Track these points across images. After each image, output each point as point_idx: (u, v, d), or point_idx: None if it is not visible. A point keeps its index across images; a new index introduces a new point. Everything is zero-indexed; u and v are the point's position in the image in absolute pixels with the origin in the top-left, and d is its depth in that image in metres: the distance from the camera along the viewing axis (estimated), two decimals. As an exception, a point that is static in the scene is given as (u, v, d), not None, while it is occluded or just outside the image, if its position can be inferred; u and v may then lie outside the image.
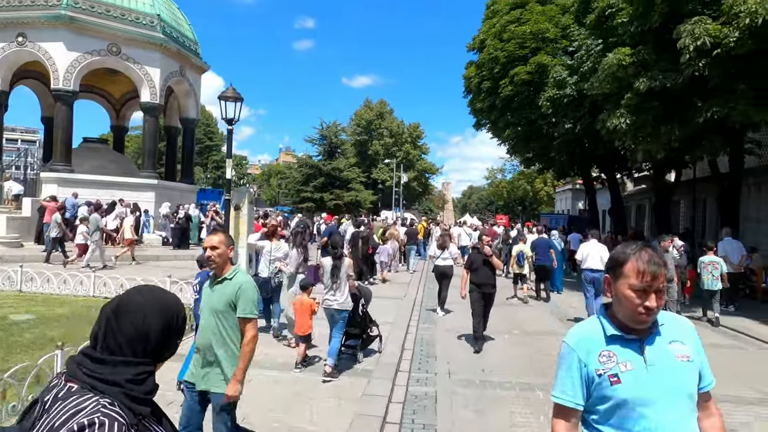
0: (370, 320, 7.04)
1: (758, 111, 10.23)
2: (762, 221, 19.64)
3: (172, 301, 1.50)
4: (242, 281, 3.31)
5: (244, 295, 3.24)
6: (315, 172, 36.96)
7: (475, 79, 25.24)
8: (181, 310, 1.54)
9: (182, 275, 13.12)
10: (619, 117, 11.92)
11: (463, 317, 9.66)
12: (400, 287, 13.36)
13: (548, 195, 57.48)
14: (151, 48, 19.67)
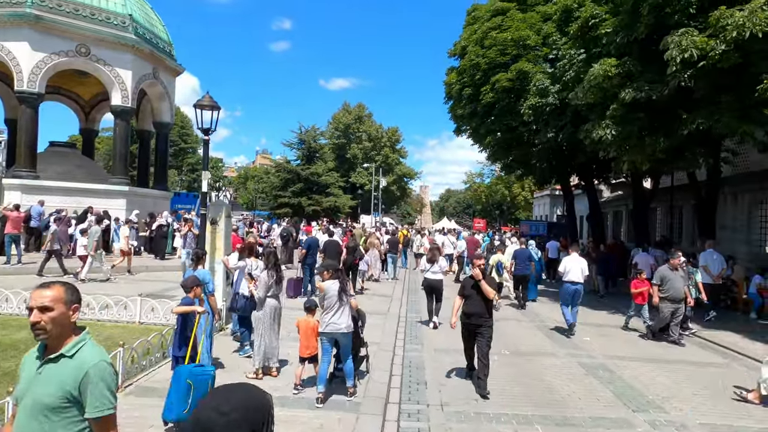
0: (362, 342, 6.71)
1: (742, 123, 10.21)
2: (737, 230, 19.93)
3: (260, 403, 1.35)
4: (90, 361, 2.14)
5: (93, 384, 2.10)
6: (293, 177, 36.33)
7: (456, 85, 25.09)
8: (270, 409, 1.40)
9: (155, 289, 12.52)
10: (605, 128, 11.81)
11: (450, 333, 9.35)
12: (382, 300, 12.99)
13: (526, 200, 57.92)
14: (122, 49, 18.89)
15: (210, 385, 4.56)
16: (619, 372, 7.39)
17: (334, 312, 5.91)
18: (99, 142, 54.76)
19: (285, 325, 8.97)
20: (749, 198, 19.22)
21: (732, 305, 13.67)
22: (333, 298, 5.92)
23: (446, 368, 7.37)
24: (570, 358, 8.08)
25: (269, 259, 6.41)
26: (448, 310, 10.97)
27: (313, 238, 12.89)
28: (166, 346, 6.81)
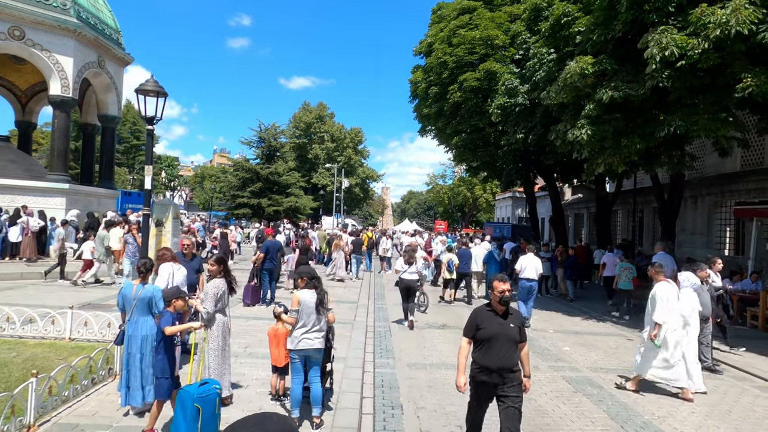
0: (331, 357, 5.94)
1: (721, 126, 9.99)
2: (697, 233, 20.24)
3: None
4: None
5: None
6: (252, 177, 34.83)
7: (422, 84, 24.58)
8: None
9: (95, 297, 11.25)
10: (580, 128, 11.41)
11: (421, 343, 8.66)
12: (348, 308, 12.16)
13: (488, 202, 58.26)
14: (62, 33, 17.30)
15: (218, 403, 4.37)
16: (607, 388, 6.85)
17: (309, 327, 5.18)
18: (43, 138, 51.47)
19: (241, 337, 8.05)
20: (709, 201, 19.51)
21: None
22: (310, 311, 5.19)
23: (422, 387, 6.63)
24: (553, 371, 7.51)
25: (218, 266, 5.49)
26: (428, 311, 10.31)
27: (272, 241, 11.92)
28: (96, 370, 5.77)
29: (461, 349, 4.45)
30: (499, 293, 4.25)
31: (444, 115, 23.57)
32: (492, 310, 4.33)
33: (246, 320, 9.85)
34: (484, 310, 4.39)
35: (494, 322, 4.24)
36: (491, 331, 4.20)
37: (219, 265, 5.48)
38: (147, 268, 5.37)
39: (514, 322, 4.28)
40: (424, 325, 10.64)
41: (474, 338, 4.34)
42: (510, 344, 4.18)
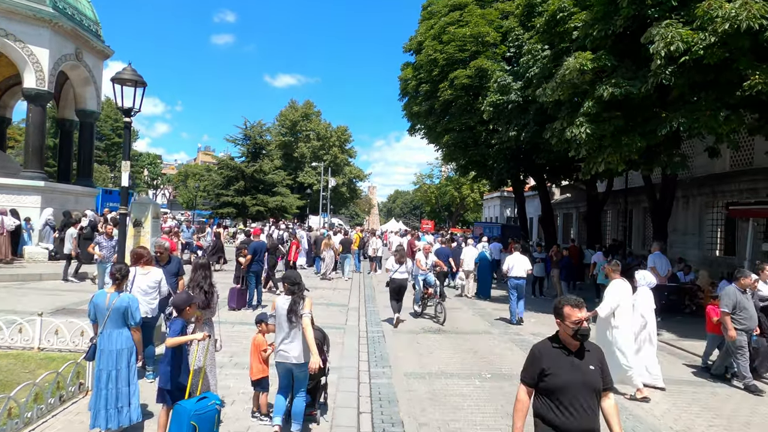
0: (326, 370, 5.45)
1: (725, 123, 9.70)
2: (688, 233, 20.13)
3: None
4: None
5: None
6: (237, 175, 34.05)
7: (412, 81, 24.16)
8: None
9: (71, 301, 10.59)
10: (579, 126, 11.07)
11: (418, 350, 8.22)
12: (339, 311, 11.67)
13: (475, 202, 58.12)
14: (37, 24, 16.48)
15: (216, 420, 4.13)
16: (622, 402, 6.47)
17: (282, 336, 4.76)
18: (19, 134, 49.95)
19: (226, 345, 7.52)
20: (701, 201, 19.41)
21: (697, 311, 13.35)
22: (281, 318, 4.76)
23: (423, 400, 6.18)
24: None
25: (196, 275, 4.99)
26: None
27: (259, 242, 11.36)
28: (64, 386, 5.21)
29: (518, 403, 3.11)
30: (574, 324, 2.97)
31: (434, 113, 23.18)
32: (561, 347, 3.05)
33: (231, 326, 9.32)
34: (549, 346, 3.10)
35: (566, 364, 2.99)
36: (564, 378, 2.95)
37: (196, 272, 5.03)
38: (123, 275, 4.84)
39: (593, 362, 3.04)
40: (419, 330, 10.21)
41: (537, 387, 3.04)
42: (591, 395, 2.97)
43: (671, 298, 13.57)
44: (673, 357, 8.97)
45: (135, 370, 4.70)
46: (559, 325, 3.09)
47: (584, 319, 3.02)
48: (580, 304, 3.06)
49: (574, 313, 3.02)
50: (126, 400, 4.56)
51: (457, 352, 8.62)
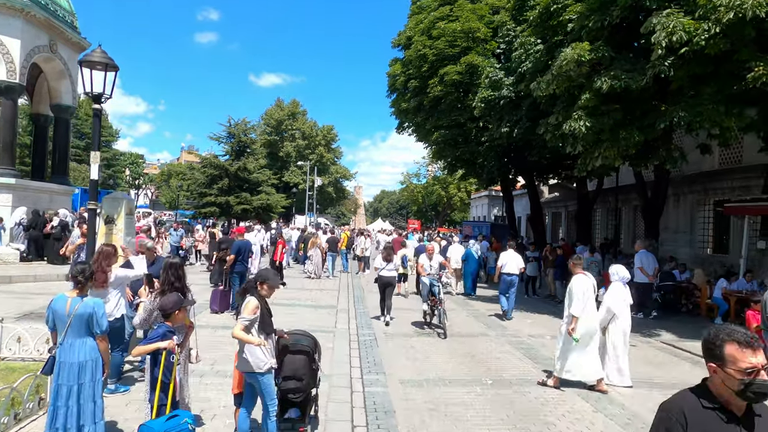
0: (317, 381, 4.89)
1: (727, 117, 9.40)
2: (679, 231, 19.98)
3: None
4: None
5: None
6: (221, 173, 33.18)
7: (400, 77, 23.67)
8: None
9: (40, 305, 9.89)
10: (577, 120, 10.69)
11: (411, 355, 7.73)
12: (327, 312, 11.15)
13: (462, 201, 57.88)
14: (8, 13, 15.65)
15: None
16: (630, 405, 6.06)
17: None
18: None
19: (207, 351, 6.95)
20: (692, 199, 19.26)
21: (694, 310, 13.12)
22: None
23: (422, 411, 5.70)
24: (564, 386, 6.68)
25: (166, 275, 4.45)
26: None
27: (243, 241, 10.77)
28: (21, 403, 4.63)
29: None
30: (744, 374, 1.86)
31: (423, 110, 22.73)
32: (717, 409, 1.94)
33: (213, 330, 8.74)
34: (698, 407, 1.97)
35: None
36: None
37: (166, 273, 4.50)
38: (86, 277, 4.26)
39: None
40: (412, 333, 9.73)
41: None
42: None
43: (667, 298, 13.32)
44: (678, 359, 8.61)
45: (100, 385, 4.14)
46: (715, 372, 1.96)
47: (761, 366, 1.87)
48: (753, 343, 1.91)
49: (744, 356, 1.88)
50: (90, 418, 4.00)
51: (454, 356, 8.17)
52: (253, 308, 4.19)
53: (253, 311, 4.18)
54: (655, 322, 11.70)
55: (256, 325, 4.22)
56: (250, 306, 4.20)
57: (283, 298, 12.61)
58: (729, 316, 11.82)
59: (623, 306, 6.93)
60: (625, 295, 6.99)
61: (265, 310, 4.27)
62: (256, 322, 4.20)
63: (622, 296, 6.95)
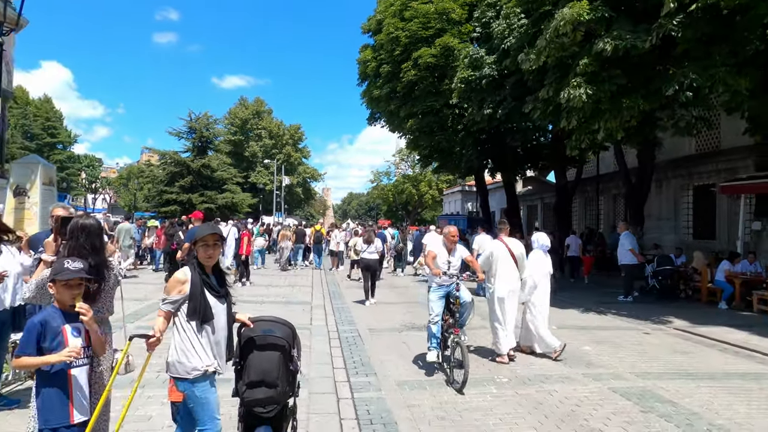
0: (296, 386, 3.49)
1: (742, 79, 8.55)
2: (663, 218, 19.44)
3: None
4: None
5: None
6: (182, 170, 31.17)
7: (371, 63, 22.45)
8: None
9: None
10: (576, 87, 9.69)
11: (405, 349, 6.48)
12: (302, 309, 9.79)
13: (433, 199, 57.04)
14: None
15: None
16: (680, 402, 4.97)
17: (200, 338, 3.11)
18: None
19: (157, 356, 5.50)
20: (675, 185, 18.73)
21: (693, 296, 12.34)
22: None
23: (430, 419, 4.45)
24: (594, 382, 5.57)
25: (78, 242, 3.07)
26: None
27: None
28: None
29: None
30: None
31: (396, 97, 21.58)
32: None
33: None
34: None
35: None
36: None
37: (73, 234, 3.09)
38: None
39: None
40: (402, 328, 8.48)
41: None
42: None
43: (664, 283, 12.52)
44: (702, 346, 7.65)
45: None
46: None
47: None
48: None
49: None
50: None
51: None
52: (175, 284, 2.95)
53: (177, 289, 2.92)
54: (660, 308, 10.80)
55: (183, 309, 2.92)
56: (171, 282, 2.96)
57: (250, 295, 11.25)
58: (734, 299, 11.05)
59: (543, 275, 6.77)
60: (546, 263, 6.85)
61: (203, 284, 2.98)
62: (183, 304, 2.92)
63: (543, 265, 6.81)
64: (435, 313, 5.83)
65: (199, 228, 3.25)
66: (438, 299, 5.83)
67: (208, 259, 3.05)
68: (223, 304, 3.07)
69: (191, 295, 2.94)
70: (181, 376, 2.90)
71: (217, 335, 3.01)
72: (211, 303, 2.98)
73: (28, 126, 57.85)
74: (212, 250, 3.05)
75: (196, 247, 3.06)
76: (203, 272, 3.02)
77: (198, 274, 2.99)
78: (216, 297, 3.03)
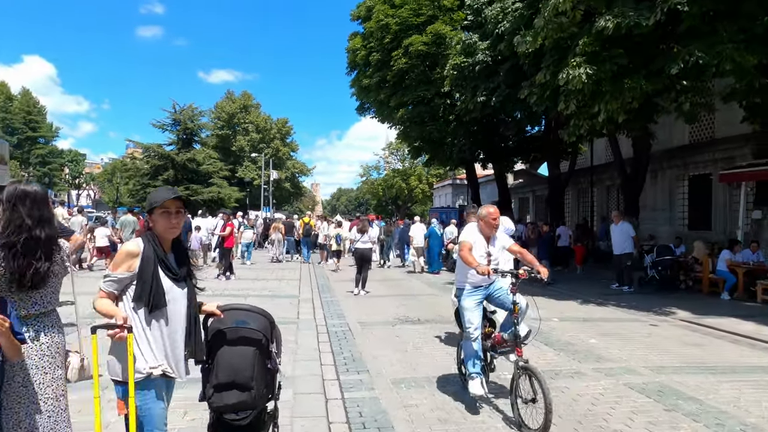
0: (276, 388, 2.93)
1: (750, 56, 8.13)
2: (658, 209, 19.15)
3: None
4: None
5: None
6: (165, 164, 30.35)
7: (361, 51, 21.85)
8: None
9: None
10: (576, 67, 9.21)
11: (399, 343, 5.98)
12: (289, 302, 9.24)
13: (423, 193, 56.61)
14: None
15: None
16: (706, 399, 4.52)
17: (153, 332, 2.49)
18: None
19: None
20: (671, 175, 18.43)
21: (694, 286, 11.99)
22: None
23: (430, 420, 3.96)
24: (607, 378, 5.11)
25: (12, 216, 2.45)
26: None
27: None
28: None
29: None
30: None
31: (386, 86, 21.01)
32: None
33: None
34: None
35: None
36: None
37: None
38: None
39: None
40: (395, 321, 7.97)
41: None
42: None
43: (664, 273, 12.15)
44: (713, 338, 7.24)
45: None
46: None
47: None
48: None
49: None
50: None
51: (452, 345, 6.45)
52: (124, 258, 2.37)
53: (127, 264, 2.35)
54: (661, 299, 10.42)
55: (130, 293, 2.35)
56: (120, 254, 2.40)
57: (234, 289, 10.72)
58: (737, 290, 10.70)
59: (507, 260, 6.04)
60: None
61: (157, 262, 2.39)
62: (130, 285, 2.35)
63: None
64: (473, 326, 4.24)
65: (155, 192, 2.56)
66: (475, 306, 4.31)
67: (171, 230, 2.46)
68: (183, 290, 2.48)
69: (140, 274, 2.34)
70: (119, 378, 2.32)
71: (172, 328, 2.41)
72: (165, 287, 2.38)
73: (9, 120, 56.48)
74: (176, 219, 2.45)
75: (152, 216, 2.47)
76: (159, 247, 2.43)
77: (153, 249, 2.40)
78: (173, 280, 2.43)
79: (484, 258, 4.34)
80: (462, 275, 4.44)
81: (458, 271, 4.56)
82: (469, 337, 4.24)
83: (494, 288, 4.38)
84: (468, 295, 4.37)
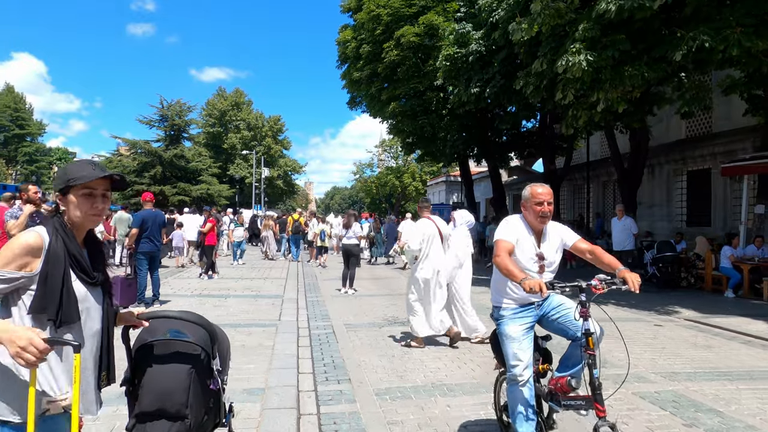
0: (223, 410, 2.36)
1: (759, 40, 7.67)
2: (655, 205, 18.75)
3: None
4: None
5: None
6: (152, 160, 29.66)
7: (351, 43, 21.29)
8: None
9: None
10: (575, 54, 8.72)
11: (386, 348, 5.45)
12: (271, 303, 8.69)
13: (417, 190, 56.08)
14: None
15: None
16: (727, 411, 4.03)
17: None
18: None
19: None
20: (669, 170, 18.03)
21: (696, 283, 11.55)
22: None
23: None
24: (614, 385, 4.56)
25: None
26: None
27: (149, 212, 8.05)
28: None
29: None
30: None
31: (378, 79, 20.48)
32: None
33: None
34: None
35: None
36: None
37: None
38: None
39: None
40: (383, 323, 7.45)
41: None
42: None
43: (665, 271, 11.71)
44: (723, 339, 6.77)
45: None
46: None
47: None
48: None
49: None
50: None
51: (444, 349, 5.96)
52: (20, 251, 1.73)
53: (21, 261, 1.73)
54: (662, 297, 9.98)
55: (25, 300, 1.75)
56: (12, 246, 1.74)
57: (214, 289, 10.15)
58: (741, 287, 10.27)
59: (466, 254, 6.47)
60: (469, 242, 6.59)
61: (70, 261, 1.79)
62: (27, 291, 1.75)
63: (467, 243, 6.53)
64: (522, 364, 2.99)
65: (74, 166, 1.90)
66: (523, 334, 3.05)
67: (93, 219, 1.86)
68: (99, 297, 1.92)
69: (44, 277, 1.73)
70: (3, 417, 1.69)
71: (85, 348, 1.83)
72: (78, 295, 1.79)
73: (-7, 114, 55.53)
74: (100, 204, 1.86)
75: (67, 197, 1.83)
76: (73, 241, 1.84)
77: (63, 243, 1.79)
78: (88, 285, 1.84)
79: (534, 263, 3.04)
80: (500, 290, 3.11)
81: (494, 284, 3.20)
82: (516, 380, 2.96)
83: (550, 306, 3.06)
84: (512, 319, 3.04)
